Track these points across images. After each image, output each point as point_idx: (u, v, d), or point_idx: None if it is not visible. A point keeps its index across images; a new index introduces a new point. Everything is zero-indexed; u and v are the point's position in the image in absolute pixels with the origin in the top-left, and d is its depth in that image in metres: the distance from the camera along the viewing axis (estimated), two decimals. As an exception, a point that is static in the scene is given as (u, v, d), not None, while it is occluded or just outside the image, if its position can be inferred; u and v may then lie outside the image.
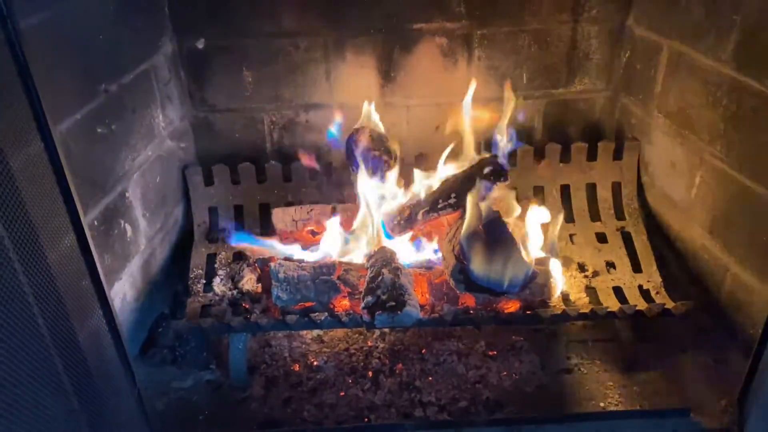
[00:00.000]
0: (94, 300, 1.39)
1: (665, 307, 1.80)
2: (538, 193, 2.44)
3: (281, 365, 1.99)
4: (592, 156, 2.45)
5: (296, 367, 1.98)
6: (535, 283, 1.82)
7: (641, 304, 1.92)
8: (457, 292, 1.84)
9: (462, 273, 1.76)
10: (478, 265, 1.72)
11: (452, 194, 1.93)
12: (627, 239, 2.30)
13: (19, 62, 1.16)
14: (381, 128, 2.29)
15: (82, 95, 1.77)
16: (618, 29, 2.43)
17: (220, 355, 2.01)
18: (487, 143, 2.19)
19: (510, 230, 1.73)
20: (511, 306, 1.89)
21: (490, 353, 2.00)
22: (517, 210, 1.94)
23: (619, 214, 2.40)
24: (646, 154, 2.39)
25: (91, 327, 1.39)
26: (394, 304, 1.70)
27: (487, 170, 1.87)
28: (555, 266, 1.90)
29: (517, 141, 1.99)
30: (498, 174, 1.86)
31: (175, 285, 2.28)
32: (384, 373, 1.93)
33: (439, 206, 1.96)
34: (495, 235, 1.70)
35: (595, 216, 2.41)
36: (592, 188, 2.46)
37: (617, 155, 2.44)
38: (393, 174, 2.17)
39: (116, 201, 1.93)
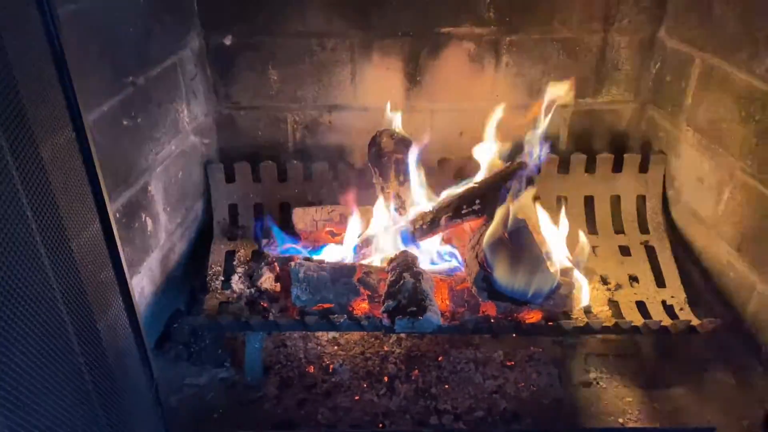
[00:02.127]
0: (116, 291, 1.38)
1: (691, 324, 1.75)
2: (561, 204, 2.40)
3: (296, 366, 1.97)
4: (617, 168, 2.42)
5: (311, 369, 1.95)
6: (558, 293, 1.78)
7: (665, 320, 1.88)
8: (480, 299, 1.81)
9: (485, 281, 1.73)
10: (502, 274, 1.70)
11: (476, 200, 1.90)
12: (651, 253, 2.26)
13: (55, 50, 1.15)
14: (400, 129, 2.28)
15: (109, 87, 1.76)
16: (649, 40, 2.39)
17: (235, 353, 1.99)
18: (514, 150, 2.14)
19: (536, 239, 1.70)
20: (533, 316, 1.85)
21: (508, 363, 1.96)
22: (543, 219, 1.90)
23: (643, 228, 2.36)
24: (673, 167, 2.35)
25: (112, 318, 1.38)
26: (415, 309, 1.67)
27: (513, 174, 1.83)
28: (581, 279, 1.86)
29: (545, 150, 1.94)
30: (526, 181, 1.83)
31: (193, 281, 2.27)
32: (400, 378, 1.90)
33: (462, 212, 1.92)
34: (520, 243, 1.67)
35: (618, 228, 2.38)
36: (616, 200, 2.42)
37: (643, 168, 2.40)
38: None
39: (138, 194, 1.92)
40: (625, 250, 2.29)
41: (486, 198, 1.89)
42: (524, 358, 1.99)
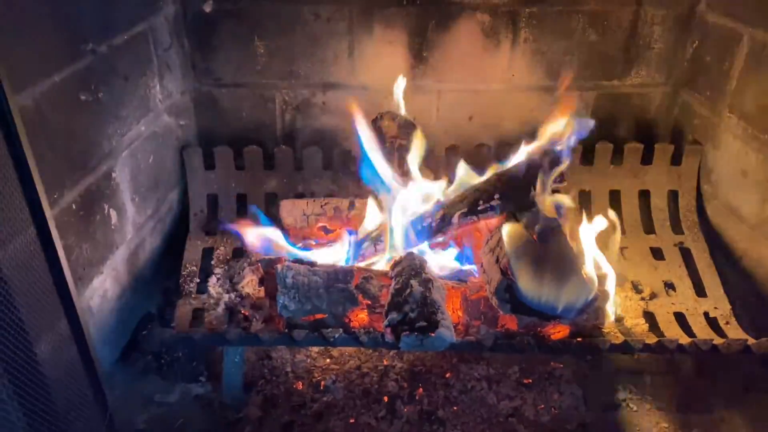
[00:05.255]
0: (59, 310, 1.14)
1: (747, 343, 1.53)
2: (585, 199, 2.19)
3: (282, 382, 1.79)
4: (645, 159, 2.24)
5: (299, 386, 1.78)
6: (592, 306, 1.56)
7: (709, 335, 1.71)
8: (500, 312, 1.57)
9: (508, 291, 1.49)
10: (529, 284, 1.47)
11: (496, 195, 1.68)
12: (686, 256, 2.09)
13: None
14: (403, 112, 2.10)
15: (63, 54, 1.55)
16: (686, 15, 2.21)
17: (212, 365, 1.83)
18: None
19: (570, 243, 1.46)
20: (559, 330, 1.65)
21: (525, 381, 1.80)
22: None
23: (677, 227, 2.19)
24: (710, 159, 2.17)
25: (54, 343, 1.15)
26: (425, 324, 1.45)
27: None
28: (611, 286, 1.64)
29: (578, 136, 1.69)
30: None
31: (165, 281, 2.10)
32: (402, 398, 1.73)
33: (479, 208, 1.71)
34: (552, 248, 1.44)
35: (648, 228, 2.20)
36: (645, 195, 2.24)
37: (675, 159, 2.23)
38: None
39: (100, 182, 1.73)
40: (657, 253, 2.11)
41: (506, 193, 1.66)
42: (543, 375, 1.83)
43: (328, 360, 1.86)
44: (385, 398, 1.72)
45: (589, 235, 1.67)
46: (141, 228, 1.98)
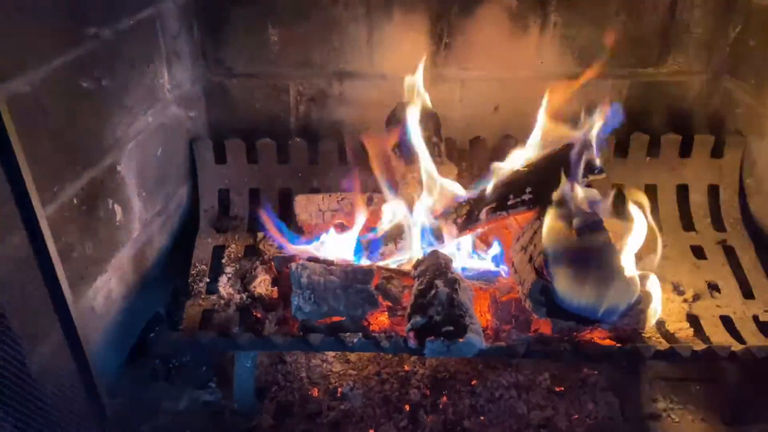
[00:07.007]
0: (53, 319, 1.04)
1: (808, 351, 1.42)
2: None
3: (297, 388, 1.73)
4: (683, 152, 2.12)
5: (315, 392, 1.71)
6: (635, 309, 1.45)
7: (761, 342, 1.59)
8: (534, 316, 1.47)
9: (544, 293, 1.38)
10: (567, 286, 1.37)
11: (527, 188, 1.59)
12: (730, 255, 1.97)
13: None
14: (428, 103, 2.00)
15: (64, 38, 1.47)
16: None
17: (223, 370, 1.75)
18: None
19: (613, 242, 1.35)
20: (596, 335, 1.54)
21: (557, 389, 1.71)
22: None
23: (718, 224, 2.07)
24: (754, 151, 2.04)
25: (48, 353, 1.05)
26: (452, 329, 1.36)
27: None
28: (654, 287, 1.52)
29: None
30: (590, 165, 1.49)
31: (174, 280, 2.02)
32: (424, 407, 1.65)
33: (509, 203, 1.62)
34: (593, 246, 1.33)
35: (688, 224, 2.09)
36: (683, 190, 2.13)
37: (715, 152, 2.11)
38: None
39: (104, 175, 1.65)
40: (698, 251, 2.00)
41: (539, 186, 1.57)
42: (576, 382, 1.74)
43: (345, 365, 1.80)
44: (407, 407, 1.65)
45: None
46: (148, 224, 1.91)
